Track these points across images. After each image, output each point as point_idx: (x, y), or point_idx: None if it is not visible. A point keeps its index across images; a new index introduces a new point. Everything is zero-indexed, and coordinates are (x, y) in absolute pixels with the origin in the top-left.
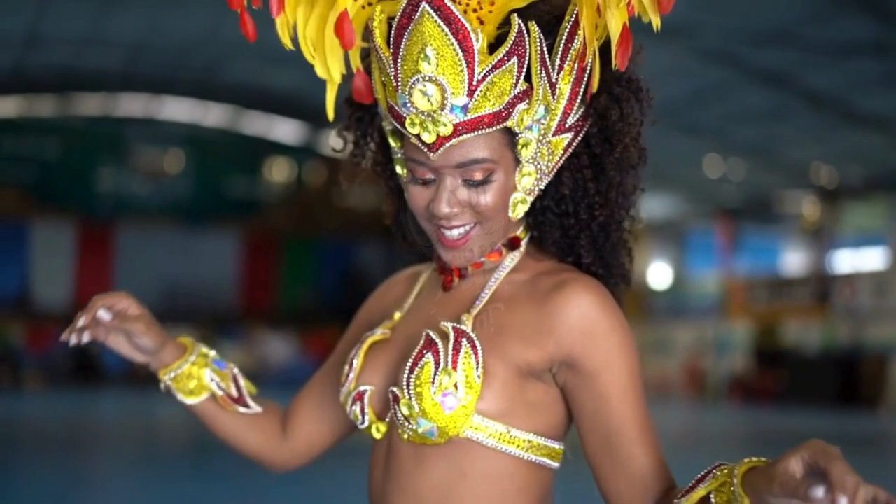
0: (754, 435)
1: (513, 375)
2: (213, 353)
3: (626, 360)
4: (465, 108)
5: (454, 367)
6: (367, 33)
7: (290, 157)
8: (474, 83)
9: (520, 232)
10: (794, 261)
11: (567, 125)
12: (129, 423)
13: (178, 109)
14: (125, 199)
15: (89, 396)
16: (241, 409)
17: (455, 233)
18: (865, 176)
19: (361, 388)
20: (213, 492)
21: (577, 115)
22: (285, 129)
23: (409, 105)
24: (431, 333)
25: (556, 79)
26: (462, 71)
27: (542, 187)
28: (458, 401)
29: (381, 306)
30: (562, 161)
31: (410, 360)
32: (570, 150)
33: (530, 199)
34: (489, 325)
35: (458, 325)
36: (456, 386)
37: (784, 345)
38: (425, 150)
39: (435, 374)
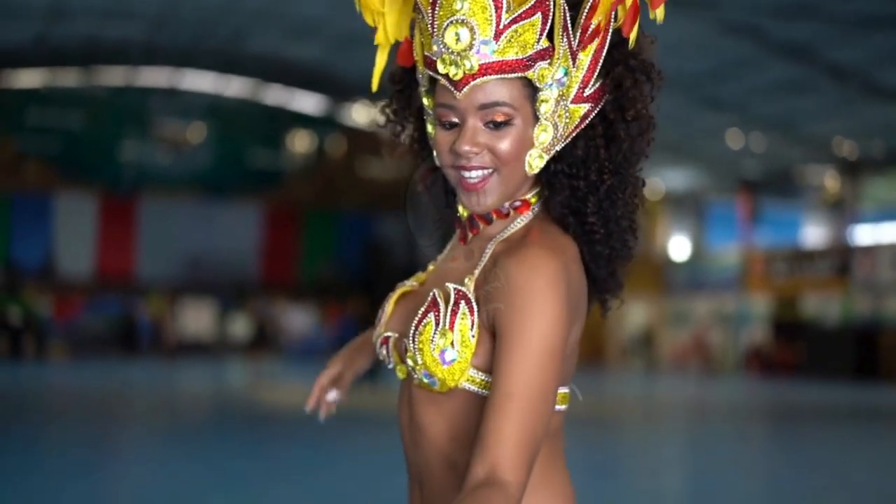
0: (769, 407)
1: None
2: None
3: (537, 324)
4: (491, 50)
5: (451, 328)
6: None
7: (312, 129)
8: (501, 27)
9: (530, 196)
10: (814, 234)
11: (585, 94)
12: (148, 391)
13: (200, 81)
14: (148, 171)
15: (112, 366)
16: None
17: (474, 174)
18: (886, 149)
19: (386, 333)
20: (235, 459)
21: (595, 87)
22: (307, 101)
23: (441, 46)
24: (437, 294)
25: (577, 49)
26: (491, 16)
27: (558, 149)
28: (455, 357)
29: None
30: (578, 129)
31: (416, 319)
32: (587, 120)
33: (546, 156)
34: (486, 286)
35: (460, 287)
36: (452, 344)
37: (803, 317)
38: (452, 89)
39: (434, 333)
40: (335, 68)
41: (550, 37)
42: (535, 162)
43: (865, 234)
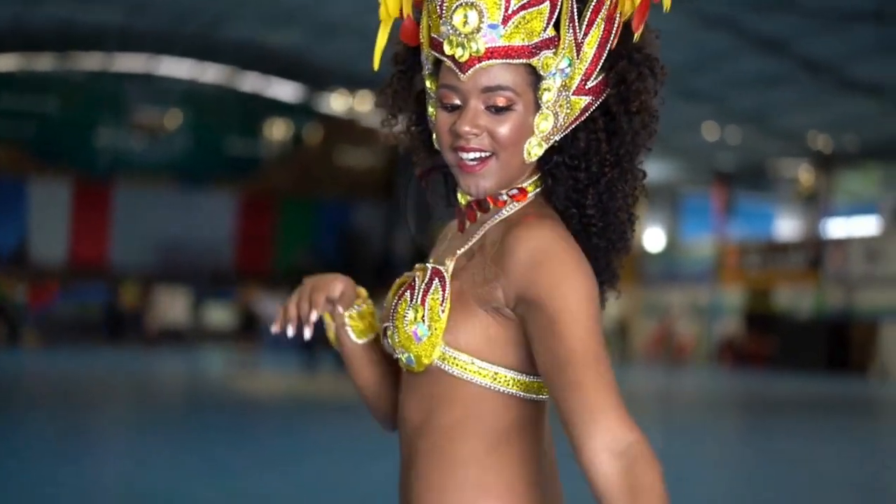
0: (741, 399)
1: (475, 311)
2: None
3: (573, 291)
4: (498, 35)
5: (422, 303)
6: None
7: (289, 117)
8: (509, 12)
9: (528, 185)
10: (787, 227)
11: (587, 87)
12: (124, 379)
13: (176, 68)
14: (123, 157)
15: (85, 353)
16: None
17: (472, 155)
18: (860, 143)
19: (385, 324)
20: (208, 444)
21: (597, 80)
22: (284, 89)
23: (448, 28)
24: (417, 274)
25: (582, 41)
26: (500, 1)
27: (557, 139)
28: (426, 332)
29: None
30: (578, 121)
31: (396, 298)
32: (588, 113)
33: (545, 145)
34: (469, 267)
35: (437, 266)
36: (423, 318)
37: (776, 310)
38: (457, 70)
39: (407, 310)
40: (312, 56)
41: (557, 26)
42: (534, 150)
43: (838, 228)
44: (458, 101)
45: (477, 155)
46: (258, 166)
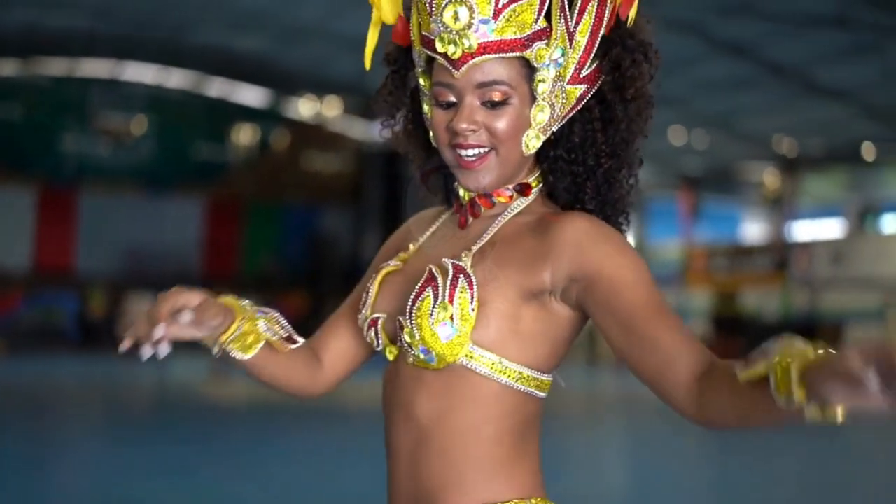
0: None
1: (509, 307)
2: (248, 302)
3: (628, 256)
4: (490, 29)
5: (450, 301)
6: None
7: (255, 122)
8: (499, 6)
9: (531, 180)
10: (753, 230)
11: (581, 76)
12: (94, 386)
13: (142, 73)
14: (88, 163)
15: (52, 362)
16: (292, 346)
17: (471, 152)
18: (825, 147)
19: (375, 315)
20: (180, 450)
21: (591, 69)
22: (250, 94)
23: (439, 25)
24: (433, 269)
25: (574, 30)
26: None
27: (555, 130)
28: (454, 331)
29: (402, 241)
30: (574, 111)
31: (413, 293)
32: (583, 102)
33: (543, 137)
34: (488, 261)
35: (457, 262)
36: (452, 318)
37: (743, 312)
38: (451, 68)
39: (433, 307)
40: (279, 61)
41: (548, 17)
42: (532, 142)
43: (803, 231)
44: (453, 98)
45: (476, 151)
46: (225, 172)
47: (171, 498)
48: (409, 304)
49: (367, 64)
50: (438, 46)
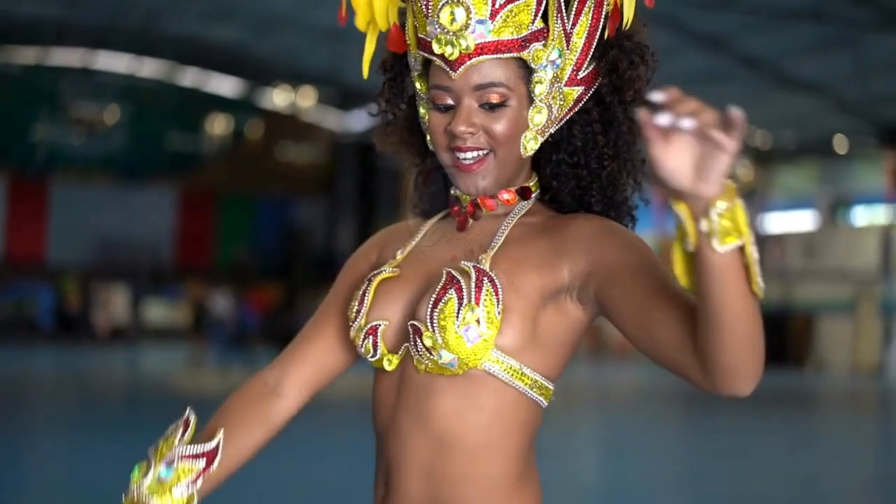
0: (680, 392)
1: (528, 309)
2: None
3: (641, 244)
4: (487, 30)
5: (477, 303)
6: None
7: (229, 112)
8: (496, 7)
9: (532, 184)
10: None
11: (578, 77)
12: (68, 377)
13: (114, 62)
14: (60, 152)
15: (26, 352)
16: (219, 459)
17: (470, 155)
18: (797, 140)
19: (374, 322)
20: (151, 442)
21: (588, 70)
22: (224, 84)
23: (436, 27)
24: (453, 272)
25: (571, 31)
26: None
27: (553, 133)
28: (480, 334)
29: (379, 252)
30: (572, 113)
31: (433, 296)
32: (581, 103)
33: (541, 138)
34: (505, 263)
35: (478, 265)
36: (478, 321)
37: None
38: (448, 70)
39: (459, 309)
40: (253, 51)
41: (545, 18)
42: (530, 144)
43: (776, 223)
44: (450, 101)
45: (474, 154)
46: (198, 162)
47: None
48: (429, 307)
49: (365, 73)
50: (435, 48)
